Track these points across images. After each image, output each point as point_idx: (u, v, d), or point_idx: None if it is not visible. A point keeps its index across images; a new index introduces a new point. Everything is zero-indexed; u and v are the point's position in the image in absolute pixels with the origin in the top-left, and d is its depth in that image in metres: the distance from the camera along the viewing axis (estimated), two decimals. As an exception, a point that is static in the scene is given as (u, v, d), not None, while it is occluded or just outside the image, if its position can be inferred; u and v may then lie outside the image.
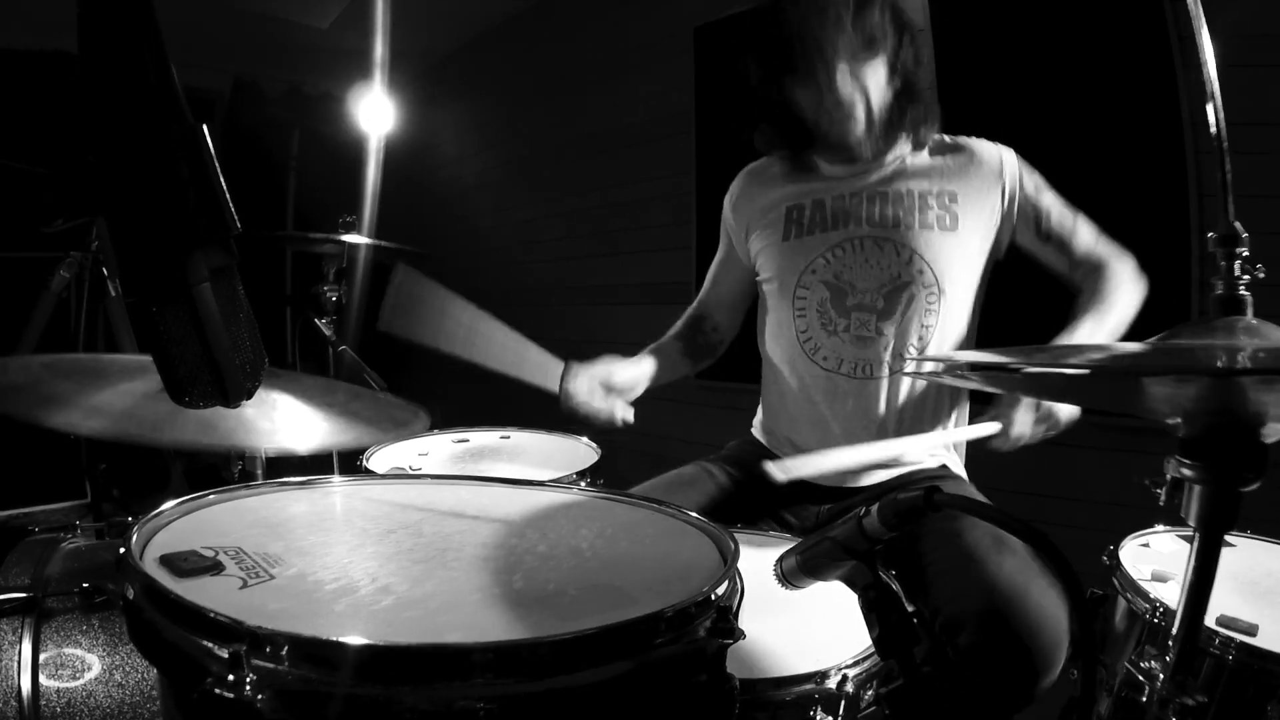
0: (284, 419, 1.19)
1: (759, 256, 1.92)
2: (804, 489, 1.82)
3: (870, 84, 1.66)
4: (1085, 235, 1.73)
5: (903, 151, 1.79)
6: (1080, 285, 1.74)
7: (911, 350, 1.74)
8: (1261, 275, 0.91)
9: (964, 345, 1.81)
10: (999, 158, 1.75)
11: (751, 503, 1.83)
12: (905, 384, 1.75)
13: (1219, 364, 0.70)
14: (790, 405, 1.89)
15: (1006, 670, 1.25)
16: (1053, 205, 1.74)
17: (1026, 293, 1.86)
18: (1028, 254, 1.80)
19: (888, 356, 1.75)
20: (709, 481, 1.83)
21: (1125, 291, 1.69)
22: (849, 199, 1.78)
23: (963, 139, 1.81)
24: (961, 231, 1.73)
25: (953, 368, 0.85)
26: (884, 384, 1.75)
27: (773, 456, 1.90)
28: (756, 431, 2.04)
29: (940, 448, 1.83)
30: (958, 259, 1.74)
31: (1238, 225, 0.91)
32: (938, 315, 1.73)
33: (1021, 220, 1.76)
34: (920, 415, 1.77)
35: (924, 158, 1.79)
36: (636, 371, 1.87)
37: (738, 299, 2.06)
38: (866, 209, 1.76)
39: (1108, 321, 1.64)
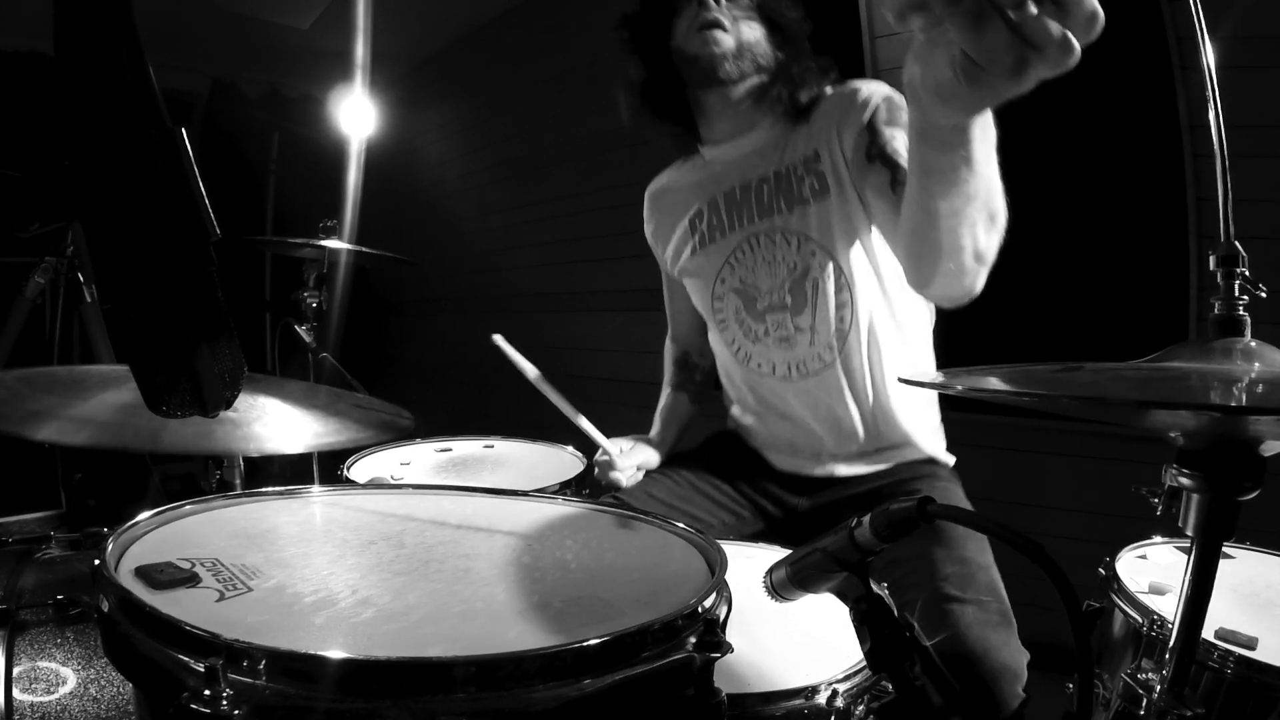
0: (272, 422, 1.18)
1: (682, 276, 1.90)
2: (783, 480, 1.80)
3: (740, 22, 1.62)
4: None
5: (781, 124, 1.68)
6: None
7: (835, 340, 1.65)
8: (1263, 295, 0.91)
9: (907, 320, 1.70)
10: (855, 95, 1.57)
11: (731, 493, 1.82)
12: (859, 372, 1.66)
13: (1215, 400, 0.69)
14: (752, 403, 1.85)
15: (973, 709, 1.25)
16: (897, 135, 1.49)
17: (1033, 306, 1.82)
18: (865, 204, 1.57)
19: (817, 350, 1.67)
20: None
21: None
22: (739, 193, 1.72)
23: (832, 86, 1.66)
24: (831, 193, 1.60)
25: (948, 386, 0.83)
26: (831, 376, 1.67)
27: (752, 448, 1.89)
28: (732, 422, 1.99)
29: (928, 434, 1.76)
30: (837, 225, 1.60)
31: (1238, 245, 0.90)
32: (850, 294, 1.62)
33: (857, 148, 1.54)
34: (887, 403, 1.69)
35: (795, 124, 1.67)
36: (665, 448, 1.94)
37: (702, 321, 1.96)
38: (755, 201, 1.69)
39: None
